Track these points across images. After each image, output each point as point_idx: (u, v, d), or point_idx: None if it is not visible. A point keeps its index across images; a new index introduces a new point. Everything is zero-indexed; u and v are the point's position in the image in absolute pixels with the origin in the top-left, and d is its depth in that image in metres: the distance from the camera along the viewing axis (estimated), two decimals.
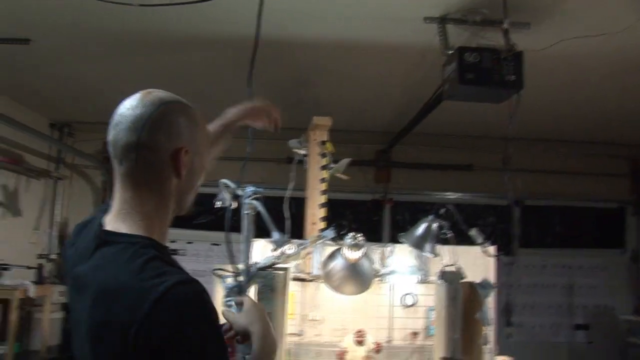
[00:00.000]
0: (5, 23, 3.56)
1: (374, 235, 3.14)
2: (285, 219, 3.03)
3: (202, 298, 1.17)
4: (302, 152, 3.52)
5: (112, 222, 1.29)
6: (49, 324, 4.60)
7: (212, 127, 1.75)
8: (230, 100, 1.92)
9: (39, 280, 4.68)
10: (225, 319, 1.50)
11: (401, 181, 6.14)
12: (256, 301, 1.61)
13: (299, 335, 3.40)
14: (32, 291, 4.29)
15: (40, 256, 5.58)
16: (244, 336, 1.43)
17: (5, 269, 4.52)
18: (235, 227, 2.13)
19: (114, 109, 1.28)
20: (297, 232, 3.00)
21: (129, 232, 1.26)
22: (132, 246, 1.22)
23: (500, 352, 3.64)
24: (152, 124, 1.27)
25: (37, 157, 5.57)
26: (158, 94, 1.34)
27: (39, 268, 4.92)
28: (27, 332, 4.62)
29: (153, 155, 1.28)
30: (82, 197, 6.14)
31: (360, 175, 5.72)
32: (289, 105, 4.81)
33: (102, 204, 1.44)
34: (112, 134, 1.29)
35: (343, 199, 5.66)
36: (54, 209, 5.84)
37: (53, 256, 5.73)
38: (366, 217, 6.17)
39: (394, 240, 5.59)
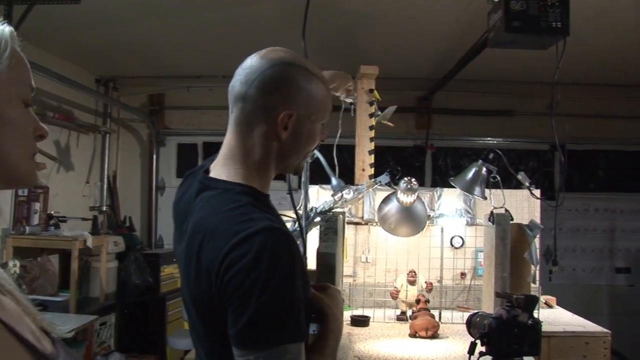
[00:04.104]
0: None
1: (416, 180, 3.21)
2: (333, 166, 3.13)
3: (284, 247, 1.17)
4: (349, 100, 3.57)
5: (216, 168, 1.35)
6: (105, 272, 4.78)
7: None
8: None
9: (95, 231, 4.86)
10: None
11: (442, 127, 6.17)
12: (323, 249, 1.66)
13: (352, 276, 3.53)
14: (90, 242, 4.46)
15: (92, 208, 5.80)
16: (319, 315, 1.39)
17: (62, 221, 4.72)
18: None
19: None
20: (342, 178, 3.09)
21: (228, 179, 1.30)
22: (228, 192, 1.27)
23: (542, 293, 3.74)
24: (261, 80, 1.29)
25: (85, 112, 5.71)
26: (281, 53, 1.33)
27: (94, 219, 5.10)
28: (85, 280, 4.83)
29: (257, 110, 1.30)
30: (130, 150, 6.32)
31: (401, 121, 5.75)
32: (334, 53, 4.85)
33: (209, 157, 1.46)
34: (232, 81, 1.33)
35: (385, 145, 5.72)
36: (103, 162, 6.00)
37: (104, 208, 5.95)
38: (408, 163, 6.24)
39: (436, 184, 5.67)
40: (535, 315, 1.97)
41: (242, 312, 1.13)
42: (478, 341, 1.94)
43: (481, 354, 1.94)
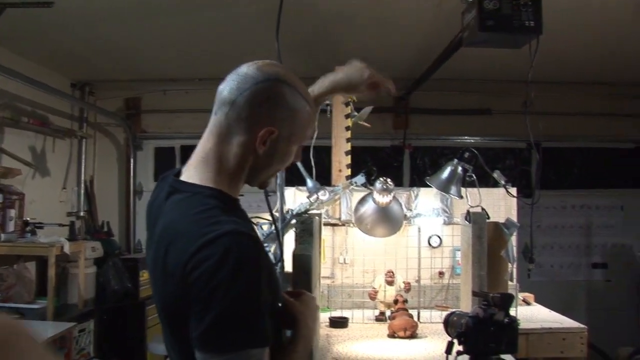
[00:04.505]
0: None
1: (394, 180, 3.21)
2: (310, 168, 3.13)
3: (250, 250, 1.17)
4: (325, 101, 3.56)
5: (189, 169, 1.35)
6: (84, 278, 4.74)
7: None
8: (258, 54, 1.81)
9: (72, 237, 4.82)
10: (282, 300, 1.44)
11: (420, 127, 6.18)
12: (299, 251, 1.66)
13: (331, 278, 3.53)
14: (67, 248, 4.41)
15: (70, 214, 5.75)
16: (290, 321, 1.39)
17: (39, 227, 4.67)
18: None
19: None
20: (319, 179, 3.10)
21: (199, 182, 1.31)
22: (197, 195, 1.28)
23: (521, 290, 3.77)
24: (253, 91, 1.29)
25: (61, 117, 5.64)
26: (278, 69, 1.34)
27: (72, 225, 5.05)
28: (63, 286, 4.78)
29: (240, 120, 1.30)
30: (107, 154, 6.26)
31: (378, 121, 5.76)
32: (309, 54, 4.84)
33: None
34: (222, 84, 1.33)
35: (363, 145, 5.73)
36: (80, 167, 5.94)
37: (82, 213, 5.89)
38: (386, 163, 6.26)
39: (414, 184, 5.69)
40: (512, 313, 1.98)
41: (205, 315, 1.12)
42: (455, 340, 1.95)
43: (459, 353, 1.95)
